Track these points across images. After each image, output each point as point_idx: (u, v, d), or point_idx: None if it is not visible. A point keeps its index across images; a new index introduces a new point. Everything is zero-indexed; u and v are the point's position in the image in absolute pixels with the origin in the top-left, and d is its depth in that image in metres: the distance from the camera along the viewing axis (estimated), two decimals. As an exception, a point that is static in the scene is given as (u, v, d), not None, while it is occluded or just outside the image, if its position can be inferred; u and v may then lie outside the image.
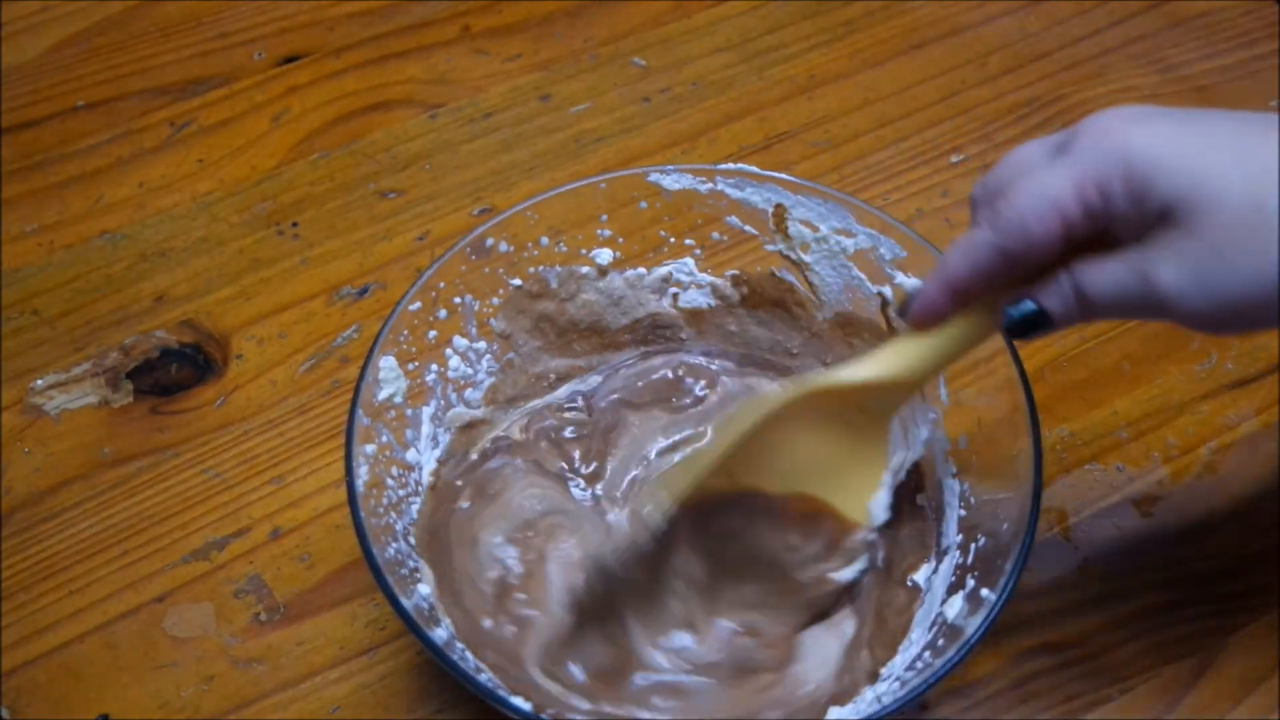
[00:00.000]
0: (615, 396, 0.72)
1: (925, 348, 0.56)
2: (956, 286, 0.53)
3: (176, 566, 0.70)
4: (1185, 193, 0.48)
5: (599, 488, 0.68)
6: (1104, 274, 0.51)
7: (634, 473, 0.69)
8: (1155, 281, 0.49)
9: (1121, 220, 0.50)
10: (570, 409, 0.71)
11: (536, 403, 0.72)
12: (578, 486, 0.68)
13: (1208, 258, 0.48)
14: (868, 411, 0.60)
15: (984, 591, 0.58)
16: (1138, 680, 0.65)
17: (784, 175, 0.67)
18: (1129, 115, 0.50)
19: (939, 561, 0.64)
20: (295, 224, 0.85)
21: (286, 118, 0.90)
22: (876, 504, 0.62)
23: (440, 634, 0.58)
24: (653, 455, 0.69)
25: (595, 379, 0.73)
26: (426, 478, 0.67)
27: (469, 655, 0.59)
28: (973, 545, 0.62)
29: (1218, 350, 0.76)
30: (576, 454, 0.69)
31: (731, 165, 0.68)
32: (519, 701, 0.55)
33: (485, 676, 0.58)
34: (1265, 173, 0.48)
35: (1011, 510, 0.59)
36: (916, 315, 0.55)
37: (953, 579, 0.61)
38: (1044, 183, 0.50)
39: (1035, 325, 0.53)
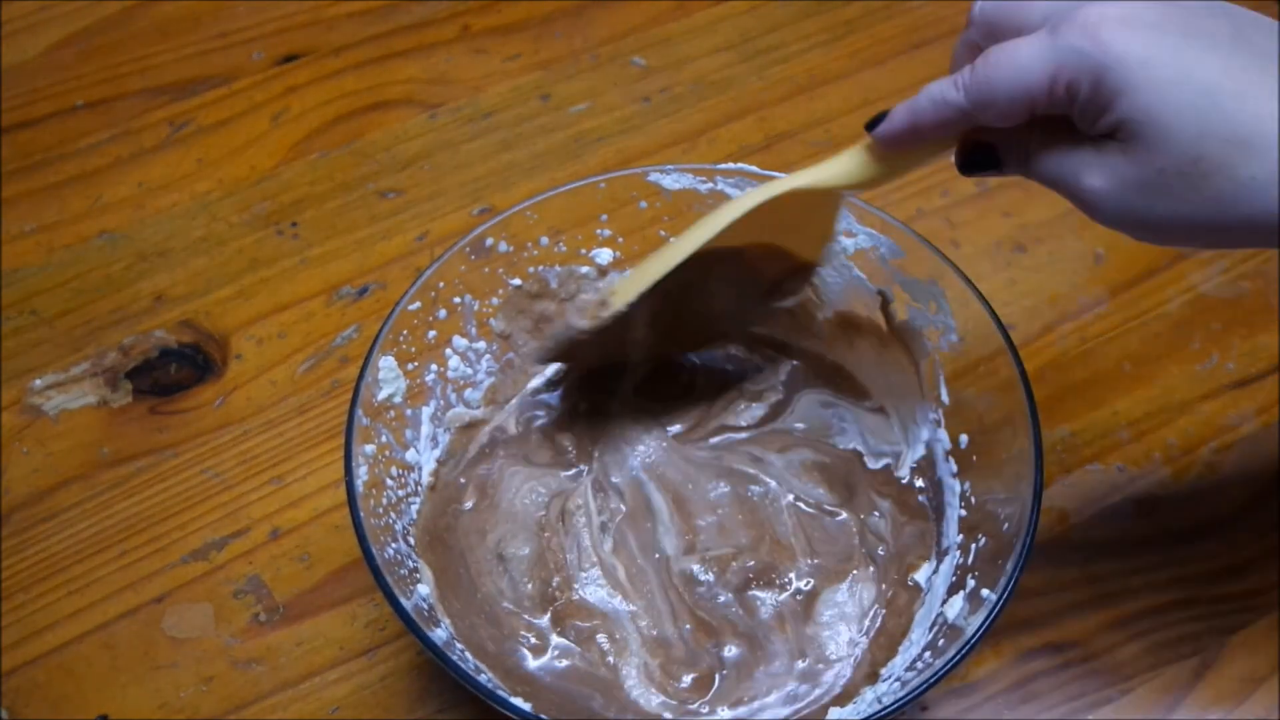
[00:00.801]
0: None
1: (883, 160, 0.58)
2: (921, 129, 0.55)
3: (176, 567, 0.70)
4: (1139, 120, 0.49)
5: (593, 465, 0.68)
6: (1048, 159, 0.53)
7: (627, 453, 0.69)
8: (1084, 183, 0.52)
9: (1079, 115, 0.51)
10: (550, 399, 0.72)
11: (527, 388, 0.72)
12: (570, 471, 0.68)
13: (1134, 186, 0.50)
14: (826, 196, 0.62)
15: (984, 591, 0.58)
16: (1139, 681, 0.65)
17: (783, 175, 0.67)
18: (1123, 16, 0.50)
19: (939, 561, 0.64)
20: (295, 224, 0.85)
21: (286, 117, 0.90)
22: (830, 247, 0.67)
23: (440, 634, 0.58)
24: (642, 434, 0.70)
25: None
26: (426, 478, 0.67)
27: (468, 655, 0.59)
28: (973, 545, 0.62)
29: (1219, 351, 0.77)
30: (567, 442, 0.69)
31: (731, 165, 0.68)
32: (519, 702, 0.55)
33: (485, 677, 0.58)
34: (1219, 127, 0.48)
35: (1012, 510, 0.59)
36: (881, 138, 0.56)
37: (953, 579, 0.61)
38: (1021, 64, 0.51)
39: (985, 167, 0.56)
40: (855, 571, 0.65)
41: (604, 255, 0.71)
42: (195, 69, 0.93)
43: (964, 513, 0.64)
